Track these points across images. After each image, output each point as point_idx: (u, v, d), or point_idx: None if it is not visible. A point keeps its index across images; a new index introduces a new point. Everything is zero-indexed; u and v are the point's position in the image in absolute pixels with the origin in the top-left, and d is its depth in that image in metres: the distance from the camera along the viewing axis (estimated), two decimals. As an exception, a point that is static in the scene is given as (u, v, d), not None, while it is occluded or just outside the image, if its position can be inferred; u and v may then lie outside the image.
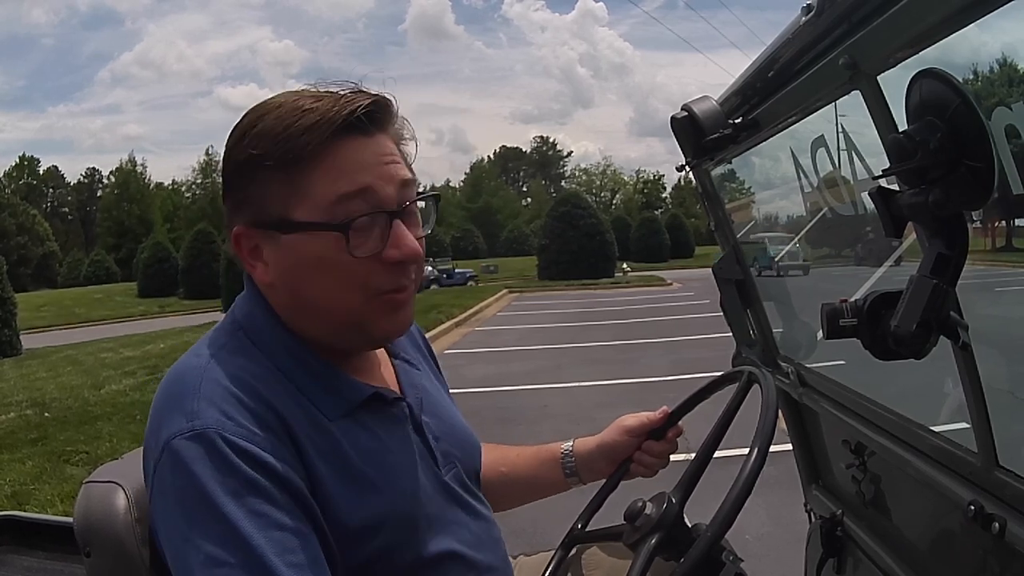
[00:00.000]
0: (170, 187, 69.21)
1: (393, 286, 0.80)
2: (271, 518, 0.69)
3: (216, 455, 0.69)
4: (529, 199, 79.63)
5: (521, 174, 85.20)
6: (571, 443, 1.13)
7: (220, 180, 0.82)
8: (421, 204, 0.83)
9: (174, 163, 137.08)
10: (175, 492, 0.70)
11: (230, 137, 0.79)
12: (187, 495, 0.69)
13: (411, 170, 0.82)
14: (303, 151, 0.74)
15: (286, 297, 0.81)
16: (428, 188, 0.90)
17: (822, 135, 1.20)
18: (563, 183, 78.97)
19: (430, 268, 28.91)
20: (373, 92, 0.79)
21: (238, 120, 0.80)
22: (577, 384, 7.28)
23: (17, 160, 68.56)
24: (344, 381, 0.83)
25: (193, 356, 0.79)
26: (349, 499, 0.77)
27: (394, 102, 0.80)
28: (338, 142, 0.75)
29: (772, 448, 0.83)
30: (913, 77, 0.76)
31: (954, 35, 0.75)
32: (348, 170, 0.76)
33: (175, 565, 0.70)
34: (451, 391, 1.07)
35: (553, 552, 1.11)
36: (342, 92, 0.78)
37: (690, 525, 0.91)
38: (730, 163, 1.56)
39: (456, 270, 30.81)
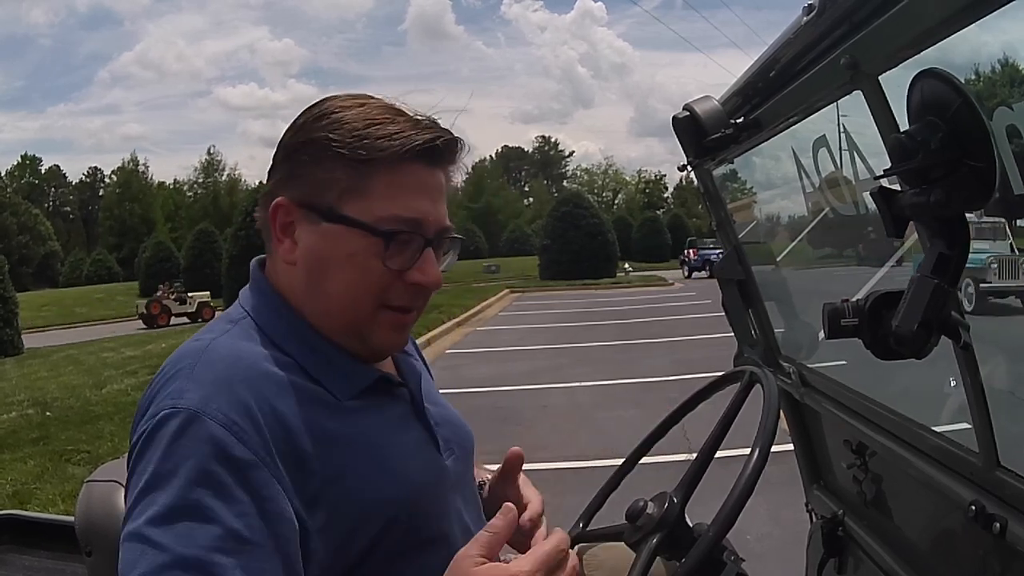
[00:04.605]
0: (171, 186, 69.26)
1: (404, 304, 0.84)
2: (213, 514, 0.66)
3: (185, 437, 0.68)
4: (531, 199, 79.59)
5: (523, 174, 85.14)
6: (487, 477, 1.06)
7: (278, 150, 0.84)
8: (450, 241, 0.87)
9: (174, 163, 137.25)
10: (139, 464, 0.69)
11: (305, 113, 0.83)
12: (145, 470, 0.68)
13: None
14: (377, 154, 0.78)
15: (303, 280, 0.82)
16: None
17: (824, 135, 1.20)
18: (565, 183, 78.87)
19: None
20: (447, 129, 0.84)
21: (315, 103, 0.84)
22: (578, 384, 7.27)
23: (19, 159, 68.78)
24: (352, 364, 0.84)
25: (194, 340, 0.80)
26: (362, 477, 0.77)
27: (465, 145, 0.86)
28: (409, 162, 0.80)
29: (773, 448, 0.84)
30: (914, 77, 0.76)
31: (955, 35, 0.75)
32: (408, 193, 0.81)
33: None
34: (451, 391, 1.07)
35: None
36: (419, 117, 0.83)
37: (692, 525, 0.91)
38: (732, 163, 1.56)
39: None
